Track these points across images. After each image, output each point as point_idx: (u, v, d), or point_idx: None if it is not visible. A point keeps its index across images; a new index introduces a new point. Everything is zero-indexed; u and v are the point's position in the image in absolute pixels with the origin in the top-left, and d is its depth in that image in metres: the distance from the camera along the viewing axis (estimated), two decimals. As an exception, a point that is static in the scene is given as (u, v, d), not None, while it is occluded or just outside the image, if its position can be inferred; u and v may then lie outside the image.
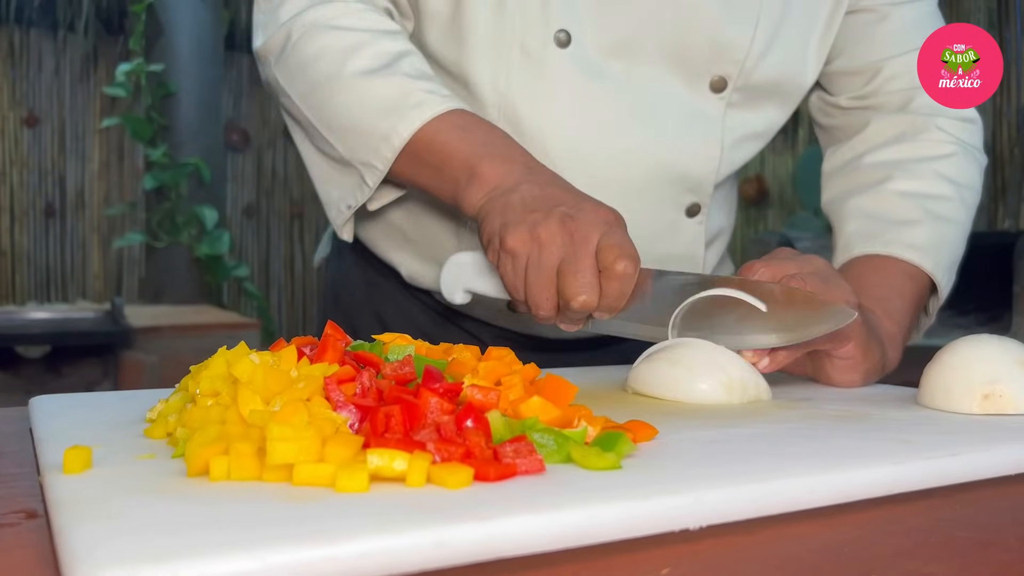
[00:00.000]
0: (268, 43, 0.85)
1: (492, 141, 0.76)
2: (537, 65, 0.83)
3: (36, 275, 5.30)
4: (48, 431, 0.51)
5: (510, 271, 0.70)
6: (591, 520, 0.36)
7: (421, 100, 0.77)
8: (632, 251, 0.68)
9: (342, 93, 0.80)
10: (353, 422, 0.44)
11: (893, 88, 0.93)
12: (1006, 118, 3.86)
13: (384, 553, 0.32)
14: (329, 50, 0.80)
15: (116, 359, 3.19)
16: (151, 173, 4.58)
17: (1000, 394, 0.61)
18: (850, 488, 0.44)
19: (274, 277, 5.67)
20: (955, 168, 0.89)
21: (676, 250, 0.89)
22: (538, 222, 0.68)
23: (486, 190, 0.73)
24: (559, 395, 0.50)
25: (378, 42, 0.80)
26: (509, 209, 0.70)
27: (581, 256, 0.67)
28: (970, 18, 3.90)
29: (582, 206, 0.69)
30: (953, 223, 0.87)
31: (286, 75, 0.84)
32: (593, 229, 0.68)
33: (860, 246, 0.86)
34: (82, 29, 5.20)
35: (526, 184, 0.72)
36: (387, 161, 0.78)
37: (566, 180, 0.74)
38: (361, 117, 0.79)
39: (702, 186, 0.88)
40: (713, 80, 0.86)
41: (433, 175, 0.77)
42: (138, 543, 0.31)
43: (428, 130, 0.76)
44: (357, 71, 0.79)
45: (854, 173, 0.93)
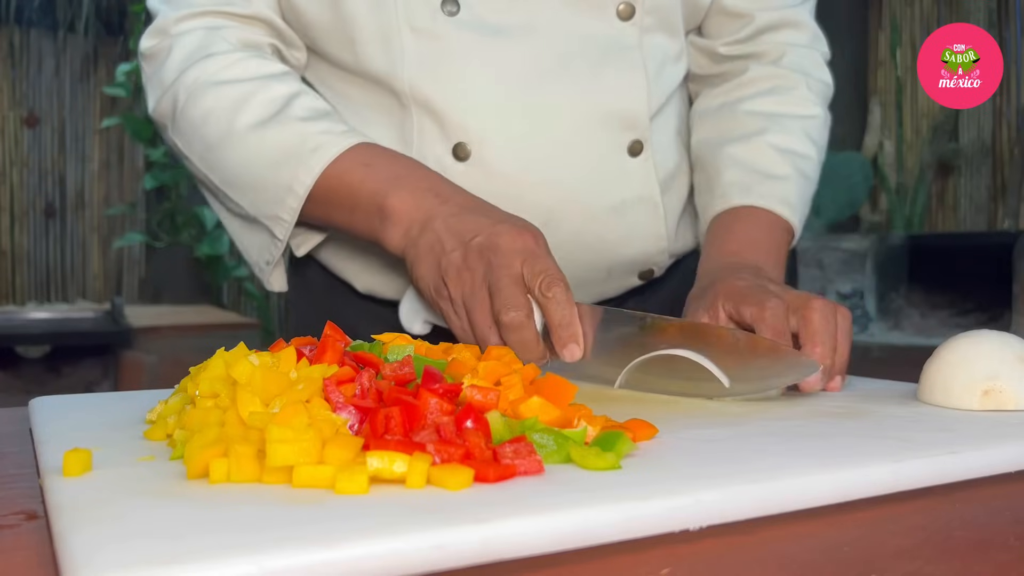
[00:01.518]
0: (158, 109, 0.84)
1: (396, 172, 0.75)
2: (431, 41, 0.81)
3: (36, 275, 5.30)
4: (48, 433, 0.51)
5: (453, 318, 0.70)
6: (591, 521, 0.36)
7: (319, 143, 0.75)
8: (554, 272, 0.67)
9: (236, 150, 0.78)
10: (353, 423, 0.44)
11: (768, 40, 0.96)
12: (1006, 118, 3.86)
13: (384, 555, 0.32)
14: (216, 109, 0.79)
15: (116, 359, 3.20)
16: (151, 173, 4.58)
17: (1000, 390, 0.61)
18: (850, 487, 0.44)
19: (274, 277, 5.66)
20: (817, 130, 0.94)
21: (630, 194, 0.87)
22: (460, 265, 0.68)
23: (402, 230, 0.73)
24: (559, 395, 0.50)
25: (265, 89, 0.79)
26: (430, 253, 0.70)
27: (501, 277, 0.67)
28: (970, 18, 3.90)
29: (501, 233, 0.68)
30: (811, 181, 0.93)
31: (182, 139, 0.82)
32: (515, 257, 0.67)
33: (738, 196, 0.88)
34: (82, 29, 5.20)
35: (439, 219, 0.71)
36: (293, 212, 0.76)
37: (477, 198, 0.73)
38: (259, 172, 0.77)
39: (638, 120, 0.86)
40: (619, 9, 0.84)
41: (346, 216, 0.76)
42: (138, 546, 0.31)
43: (331, 173, 0.75)
44: (247, 125, 0.77)
45: (730, 119, 0.94)
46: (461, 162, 0.82)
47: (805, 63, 0.96)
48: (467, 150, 0.82)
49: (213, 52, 0.81)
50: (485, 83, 0.82)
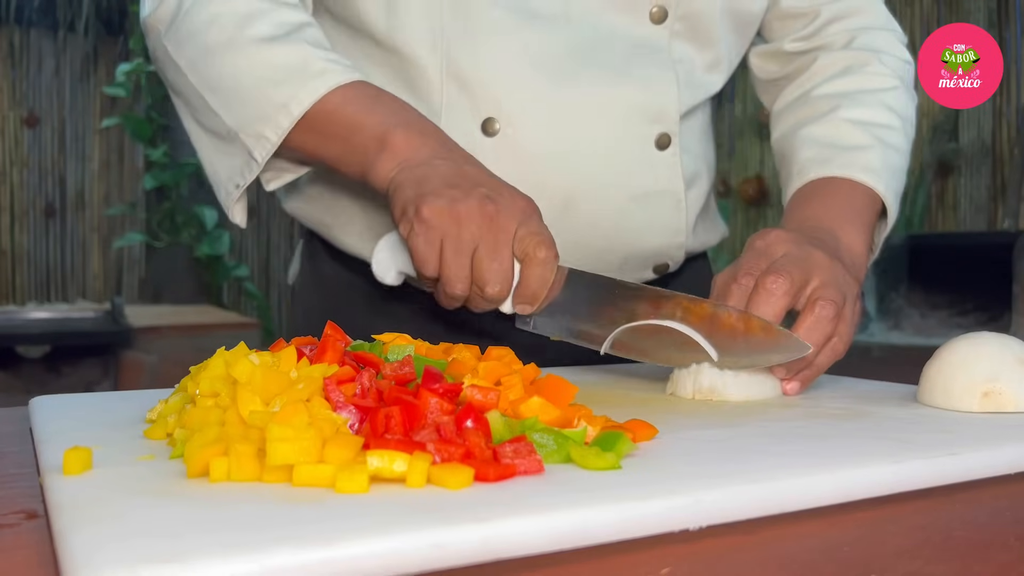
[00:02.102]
0: (158, 12, 0.81)
1: (404, 113, 0.74)
2: (472, 17, 0.82)
3: (36, 275, 5.30)
4: (48, 432, 0.51)
5: (422, 243, 0.68)
6: (591, 520, 0.36)
7: (324, 68, 0.74)
8: (550, 240, 0.67)
9: (236, 58, 0.76)
10: (353, 423, 0.44)
11: (834, 30, 0.95)
12: (1006, 118, 3.86)
13: (384, 554, 0.32)
14: (225, 15, 0.77)
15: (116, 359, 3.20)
16: (151, 173, 4.58)
17: (1000, 392, 0.61)
18: (850, 488, 0.44)
19: (274, 277, 5.67)
20: (898, 101, 0.91)
21: (654, 186, 0.87)
22: (457, 198, 0.67)
23: (398, 160, 0.71)
24: (559, 395, 0.50)
25: (277, 11, 0.78)
26: (426, 181, 0.68)
27: (500, 243, 0.66)
28: (970, 18, 3.90)
29: (501, 191, 0.68)
30: (899, 152, 0.89)
31: (176, 43, 0.79)
32: (512, 215, 0.67)
33: (816, 170, 0.86)
34: (82, 29, 5.20)
35: (441, 160, 0.70)
36: (282, 131, 0.74)
37: (479, 161, 0.73)
38: (255, 84, 0.75)
39: (666, 114, 0.86)
40: (652, 11, 0.85)
41: (338, 147, 0.74)
42: (138, 545, 0.31)
43: (333, 99, 0.73)
44: (254, 36, 0.75)
45: (803, 106, 0.93)
46: (489, 137, 0.82)
47: (877, 43, 0.94)
48: (495, 126, 0.82)
49: None
50: (520, 62, 0.82)
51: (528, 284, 0.68)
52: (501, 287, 0.67)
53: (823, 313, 0.68)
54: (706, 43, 0.89)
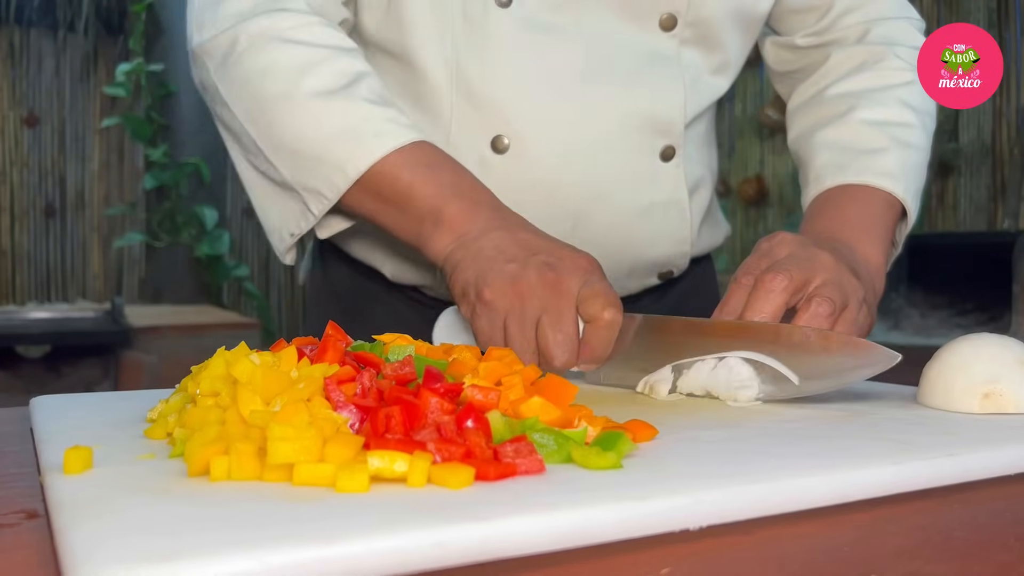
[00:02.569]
0: (208, 45, 0.79)
1: (458, 182, 0.73)
2: (481, 31, 0.81)
3: (36, 275, 5.30)
4: (48, 431, 0.51)
5: (486, 325, 0.68)
6: (591, 520, 0.36)
7: (382, 129, 0.73)
8: (615, 299, 0.67)
9: (293, 114, 0.75)
10: (354, 422, 0.44)
11: (847, 23, 0.94)
12: (1006, 118, 3.86)
13: (384, 553, 0.32)
14: (281, 66, 0.75)
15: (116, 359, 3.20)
16: (151, 173, 4.58)
17: (1000, 393, 0.61)
18: (850, 488, 0.44)
19: (274, 277, 5.67)
20: (915, 95, 0.89)
21: (659, 197, 0.87)
22: (517, 274, 0.66)
23: (454, 236, 0.71)
24: (559, 395, 0.50)
25: (335, 60, 0.76)
26: (483, 258, 0.68)
27: (563, 310, 0.66)
28: (970, 18, 3.90)
29: (560, 255, 0.68)
30: (917, 149, 0.88)
31: (228, 86, 0.78)
32: (574, 279, 0.67)
33: (831, 177, 0.86)
34: (82, 29, 5.20)
35: (497, 231, 0.70)
36: (338, 191, 0.73)
37: (533, 225, 0.72)
38: (313, 141, 0.74)
39: (672, 127, 0.86)
40: (662, 19, 0.84)
41: (392, 213, 0.74)
42: (139, 544, 0.31)
43: (389, 163, 0.72)
44: (311, 92, 0.74)
45: (819, 107, 0.92)
46: (498, 154, 0.82)
47: (892, 33, 0.92)
48: (505, 143, 0.82)
49: (287, 7, 0.77)
50: (529, 78, 0.82)
51: (593, 347, 0.67)
52: (568, 356, 0.66)
53: (818, 310, 0.67)
54: (714, 47, 0.89)
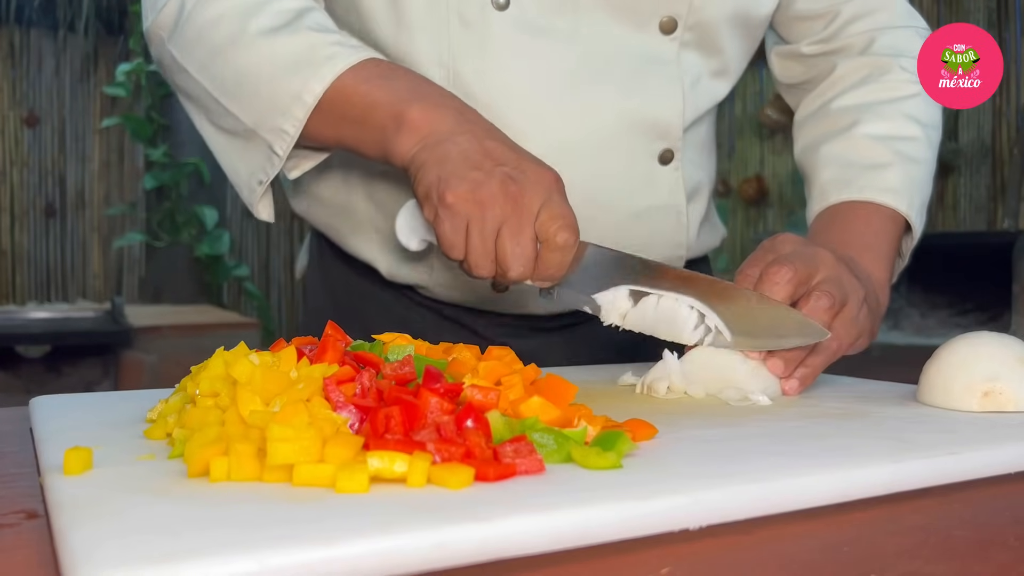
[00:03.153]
0: (159, 18, 0.81)
1: (419, 86, 0.73)
2: (478, 33, 0.81)
3: (36, 275, 5.30)
4: (48, 431, 0.51)
5: (448, 229, 0.67)
6: (591, 520, 0.36)
7: (332, 53, 0.73)
8: (572, 221, 0.67)
9: (244, 55, 0.75)
10: (353, 422, 0.44)
11: (853, 31, 0.93)
12: (1006, 118, 3.86)
13: (384, 554, 0.32)
14: (227, 13, 0.76)
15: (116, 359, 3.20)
16: (151, 173, 4.58)
17: (1000, 391, 0.61)
18: (850, 487, 0.44)
19: (274, 277, 5.67)
20: (920, 108, 0.90)
21: (657, 201, 0.87)
22: (480, 181, 0.66)
23: (418, 137, 0.70)
24: (559, 395, 0.50)
25: (278, 0, 0.77)
26: (447, 161, 0.68)
27: (523, 225, 0.66)
28: (970, 18, 3.90)
29: (524, 168, 0.68)
30: (922, 163, 0.88)
31: (181, 47, 0.79)
32: (535, 195, 0.67)
33: (836, 193, 0.86)
34: (82, 29, 5.20)
35: (462, 135, 0.69)
36: (299, 122, 0.73)
37: (500, 131, 0.72)
38: (266, 78, 0.74)
39: (670, 130, 0.86)
40: (662, 21, 0.84)
41: (356, 129, 0.73)
42: (138, 544, 0.31)
43: (344, 82, 0.72)
44: (259, 30, 0.75)
45: (824, 119, 0.92)
46: None
47: (898, 43, 0.92)
48: None
49: None
50: (526, 80, 0.82)
51: (547, 266, 0.68)
52: (523, 270, 0.67)
53: (819, 303, 0.68)
54: (714, 50, 0.89)
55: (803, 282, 0.69)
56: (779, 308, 0.67)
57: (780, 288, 0.68)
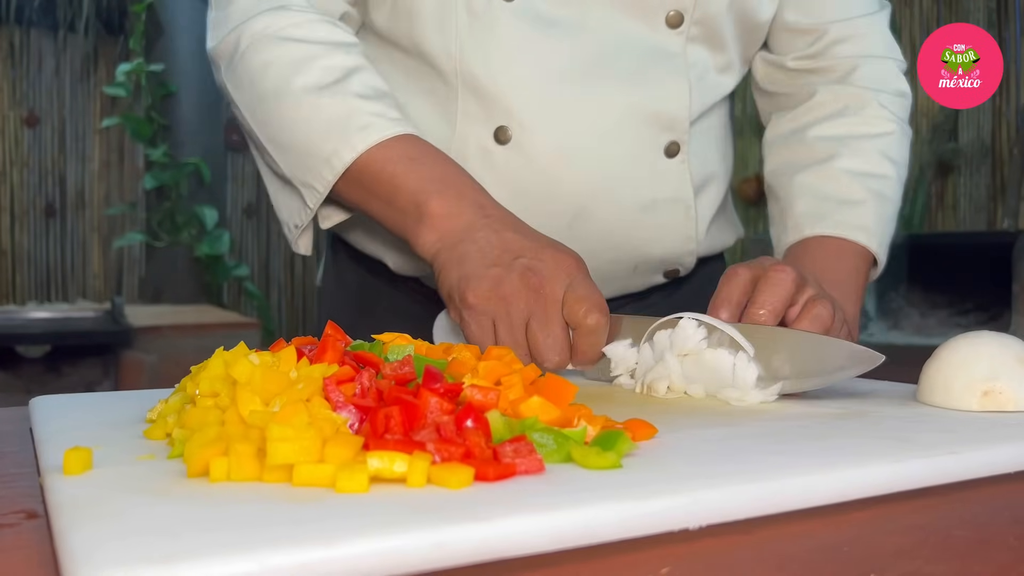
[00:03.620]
0: (218, 48, 0.83)
1: (443, 175, 0.74)
2: (485, 24, 0.82)
3: (36, 275, 5.30)
4: (48, 431, 0.51)
5: (476, 330, 0.68)
6: (591, 520, 0.36)
7: (367, 123, 0.74)
8: (600, 301, 0.67)
9: (287, 109, 0.77)
10: (353, 422, 0.44)
11: (838, 54, 0.94)
12: (1006, 118, 3.86)
13: (384, 554, 0.32)
14: (277, 63, 0.78)
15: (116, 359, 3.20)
16: (151, 173, 4.58)
17: (1000, 391, 0.61)
18: (849, 487, 0.44)
19: (274, 277, 5.67)
20: (894, 147, 0.91)
21: (663, 194, 0.87)
22: (500, 278, 0.67)
23: (438, 234, 0.71)
24: (559, 395, 0.50)
25: (329, 56, 0.78)
26: (467, 261, 0.69)
27: (550, 315, 0.66)
28: (970, 18, 3.90)
29: (543, 256, 0.68)
30: (891, 201, 0.90)
31: (234, 85, 0.82)
32: (557, 282, 0.67)
33: (811, 227, 0.87)
34: (82, 29, 5.20)
35: (481, 230, 0.70)
36: (327, 184, 0.76)
37: (519, 220, 0.73)
38: (304, 136, 0.76)
39: (676, 123, 0.86)
40: (669, 16, 0.85)
41: (380, 206, 0.75)
42: (138, 545, 0.31)
43: (374, 157, 0.74)
44: (303, 87, 0.76)
45: (799, 146, 0.93)
46: (501, 145, 0.83)
47: (877, 76, 0.93)
48: (508, 134, 0.82)
49: (287, 5, 0.80)
50: (532, 71, 0.82)
51: (581, 351, 0.68)
52: (559, 359, 0.67)
53: (822, 311, 0.68)
54: (719, 46, 0.89)
55: (799, 287, 0.69)
56: (823, 340, 0.64)
57: (782, 289, 0.67)
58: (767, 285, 0.68)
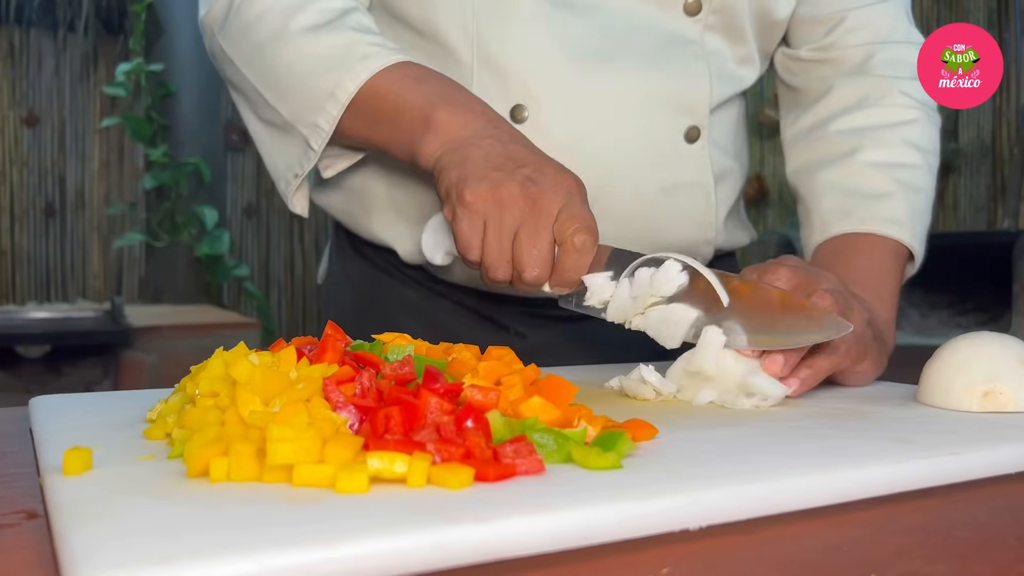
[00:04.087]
0: (212, 11, 0.83)
1: (449, 91, 0.74)
2: (503, 4, 0.82)
3: (36, 275, 5.30)
4: (48, 431, 0.51)
5: (465, 228, 0.68)
6: (591, 520, 0.36)
7: (368, 52, 0.75)
8: (591, 223, 0.67)
9: (286, 51, 0.78)
10: (353, 423, 0.44)
11: (852, 42, 0.92)
12: (1006, 118, 3.86)
13: (384, 554, 0.32)
14: (272, 9, 0.79)
15: (116, 359, 3.19)
16: (151, 173, 4.58)
17: (1000, 392, 0.61)
18: (850, 487, 0.44)
19: (274, 277, 5.66)
20: (920, 134, 0.89)
21: (683, 178, 0.86)
22: (500, 181, 0.67)
23: (444, 140, 0.71)
24: (559, 395, 0.50)
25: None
26: (469, 162, 0.68)
27: (540, 227, 0.66)
28: (970, 18, 3.90)
29: (544, 171, 0.68)
30: (923, 191, 0.87)
31: (229, 41, 0.82)
32: (554, 197, 0.67)
33: (838, 224, 0.85)
34: (82, 29, 5.20)
35: (487, 138, 0.70)
36: (333, 119, 0.75)
37: (527, 137, 0.72)
38: (305, 75, 0.76)
39: (696, 107, 0.85)
40: (687, 3, 0.84)
41: (386, 129, 0.75)
42: (138, 545, 0.31)
43: (378, 82, 0.74)
44: (301, 27, 0.77)
45: (821, 142, 0.92)
46: (518, 124, 0.82)
47: (896, 61, 0.91)
48: (524, 112, 0.82)
49: None
50: (550, 49, 0.82)
51: (564, 269, 0.68)
52: (539, 272, 0.67)
53: (820, 302, 0.66)
54: (738, 38, 0.88)
55: (802, 286, 0.68)
56: (796, 303, 0.64)
57: (779, 285, 0.67)
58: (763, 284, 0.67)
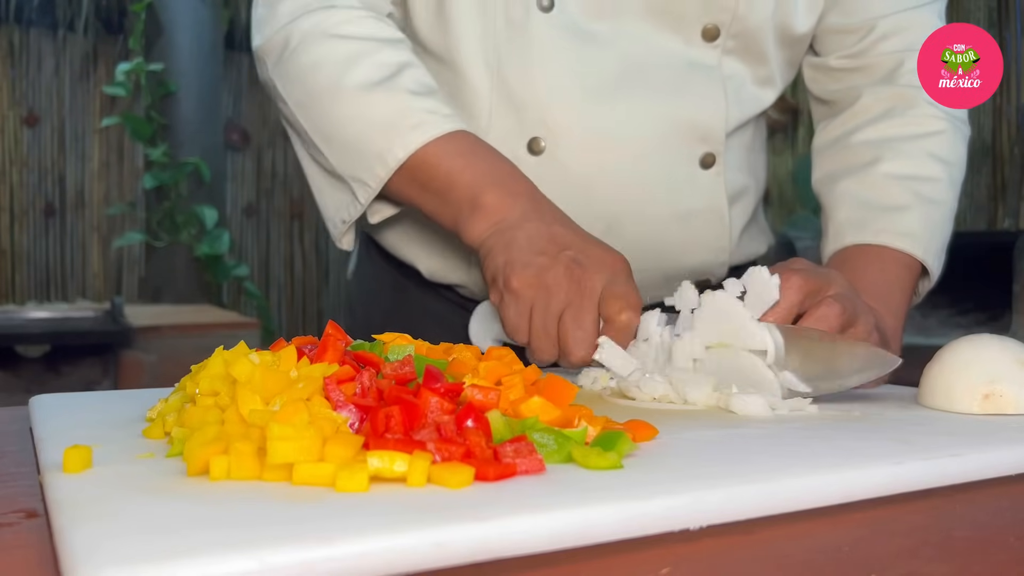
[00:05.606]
0: (266, 45, 0.83)
1: (496, 170, 0.75)
2: (523, 34, 0.82)
3: (36, 275, 5.30)
4: (48, 430, 0.51)
5: (513, 314, 0.69)
6: (591, 520, 0.36)
7: (420, 121, 0.75)
8: (635, 301, 0.67)
9: (339, 106, 0.78)
10: (353, 422, 0.44)
11: (884, 49, 0.92)
12: (1006, 118, 3.86)
13: (384, 553, 0.32)
14: (328, 60, 0.79)
15: (116, 359, 3.19)
16: (151, 173, 4.58)
17: (1000, 394, 0.61)
18: (850, 488, 0.44)
19: (274, 277, 5.67)
20: (944, 146, 0.88)
21: (698, 205, 0.86)
22: (545, 266, 0.68)
23: (490, 223, 0.72)
24: (559, 395, 0.50)
25: (379, 52, 0.79)
26: (514, 247, 0.69)
27: (585, 308, 0.67)
28: (970, 18, 3.90)
29: (588, 252, 0.69)
30: (942, 204, 0.86)
31: (283, 81, 0.82)
32: (599, 277, 0.68)
33: (852, 235, 0.85)
34: (82, 29, 5.20)
35: (532, 222, 0.71)
36: (380, 180, 0.76)
37: (570, 218, 0.73)
38: (357, 132, 0.77)
39: (712, 134, 0.86)
40: (705, 29, 0.84)
41: (434, 201, 0.76)
42: (138, 543, 0.31)
43: (427, 153, 0.75)
44: (356, 84, 0.77)
45: (844, 151, 0.91)
46: (534, 155, 0.83)
47: None
48: (541, 145, 0.83)
49: (336, 4, 0.81)
50: (568, 82, 0.83)
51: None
52: (584, 354, 0.67)
53: (830, 310, 0.66)
54: (758, 59, 0.88)
55: (812, 293, 0.67)
56: (842, 342, 0.63)
57: (791, 293, 0.66)
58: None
